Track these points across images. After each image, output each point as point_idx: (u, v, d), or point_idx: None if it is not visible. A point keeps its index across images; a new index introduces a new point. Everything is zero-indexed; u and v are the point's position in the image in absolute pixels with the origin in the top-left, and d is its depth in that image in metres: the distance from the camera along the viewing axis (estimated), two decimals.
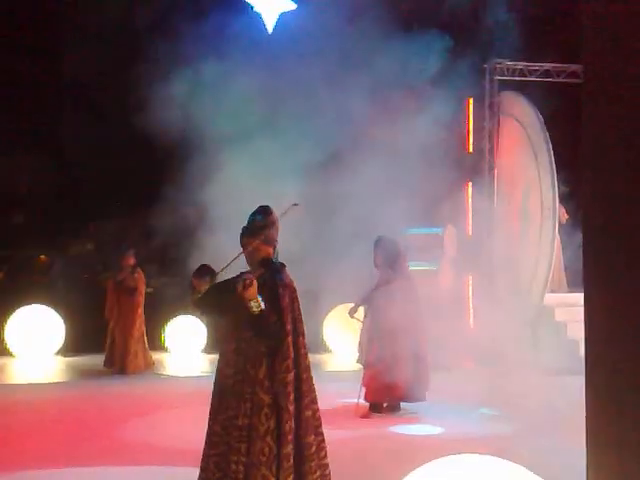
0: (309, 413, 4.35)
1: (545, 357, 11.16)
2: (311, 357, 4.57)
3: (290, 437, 4.22)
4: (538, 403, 8.27)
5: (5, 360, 12.11)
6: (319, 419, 4.44)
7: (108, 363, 11.21)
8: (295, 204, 4.46)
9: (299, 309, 4.46)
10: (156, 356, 11.82)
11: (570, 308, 11.04)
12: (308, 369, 4.44)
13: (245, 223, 4.58)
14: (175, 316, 12.75)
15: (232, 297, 4.20)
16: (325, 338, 12.85)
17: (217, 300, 4.44)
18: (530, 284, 12.22)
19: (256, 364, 4.29)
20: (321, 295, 10.64)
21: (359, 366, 8.55)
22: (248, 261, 4.50)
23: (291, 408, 4.25)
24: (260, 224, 4.49)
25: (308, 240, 8.07)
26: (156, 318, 12.49)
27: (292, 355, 4.31)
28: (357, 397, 8.08)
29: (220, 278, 4.40)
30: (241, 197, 7.27)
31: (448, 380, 9.05)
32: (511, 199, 12.87)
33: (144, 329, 11.25)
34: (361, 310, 8.47)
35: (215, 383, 4.47)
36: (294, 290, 4.46)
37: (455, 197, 11.63)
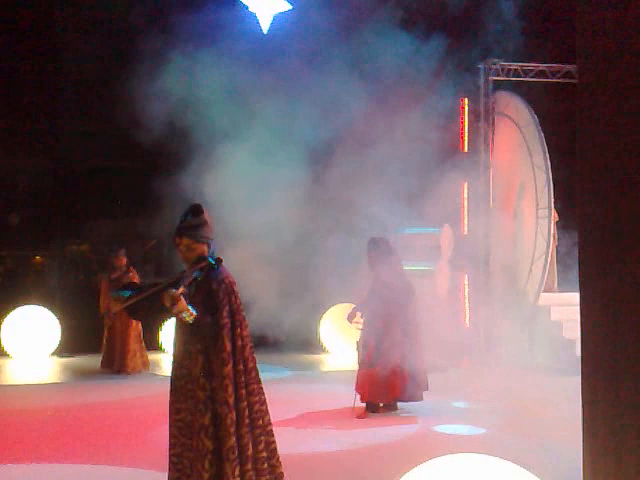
0: (244, 404, 4.38)
1: (541, 356, 11.19)
2: (308, 357, 4.58)
3: (232, 430, 4.28)
4: (534, 402, 8.28)
5: (1, 361, 12.09)
6: (258, 412, 4.45)
7: (106, 363, 11.18)
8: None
9: (237, 302, 4.51)
10: (153, 356, 11.80)
11: (566, 307, 11.07)
12: (246, 361, 4.46)
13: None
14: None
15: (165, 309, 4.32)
16: (321, 338, 12.84)
17: (150, 310, 4.52)
18: (526, 284, 12.24)
19: (195, 362, 4.41)
20: (317, 295, 10.65)
21: (355, 367, 8.54)
22: (183, 261, 4.60)
23: (230, 401, 4.32)
24: (191, 223, 4.58)
25: (304, 240, 8.07)
26: None
27: (228, 348, 4.38)
28: (353, 400, 8.08)
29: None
30: (237, 196, 7.28)
31: (444, 379, 9.06)
32: (506, 199, 12.89)
33: (141, 328, 11.23)
34: (359, 315, 8.44)
35: (170, 384, 4.57)
36: (231, 284, 4.51)
37: (451, 197, 11.63)
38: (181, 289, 4.31)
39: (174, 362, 4.57)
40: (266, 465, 4.41)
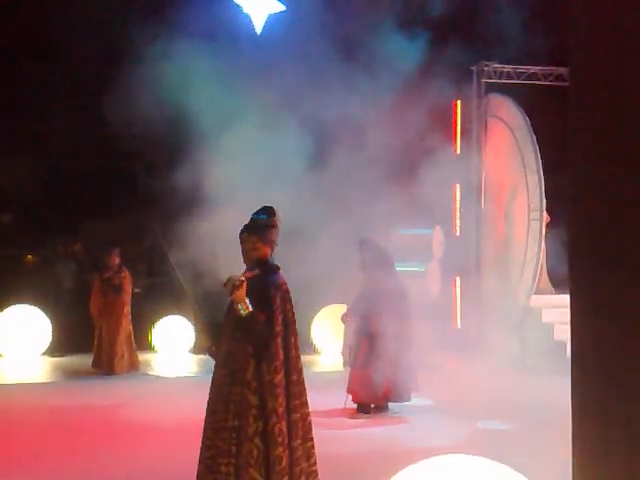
0: (297, 416, 4.31)
1: (532, 358, 11.22)
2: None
3: (280, 439, 4.17)
4: (524, 404, 8.30)
5: None
6: (309, 424, 4.39)
7: (96, 364, 11.15)
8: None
9: (292, 311, 4.45)
10: (144, 356, 11.78)
11: (557, 309, 11.09)
12: (299, 371, 4.40)
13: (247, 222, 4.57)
14: (163, 316, 12.73)
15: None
16: (313, 339, 12.84)
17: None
18: (517, 285, 12.27)
19: (244, 365, 4.28)
20: (309, 296, 10.64)
21: (342, 368, 8.55)
22: (244, 258, 4.52)
23: (280, 410, 4.21)
24: (263, 223, 4.52)
25: (297, 241, 8.07)
26: (144, 318, 12.46)
27: (281, 356, 4.28)
28: (344, 401, 8.09)
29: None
30: (228, 196, 7.29)
31: (434, 380, 9.08)
32: (498, 201, 12.92)
33: (131, 329, 11.20)
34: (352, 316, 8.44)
35: (212, 386, 4.45)
36: (287, 292, 4.45)
37: (443, 198, 11.65)
38: (243, 278, 4.26)
39: (216, 363, 4.46)
40: None
